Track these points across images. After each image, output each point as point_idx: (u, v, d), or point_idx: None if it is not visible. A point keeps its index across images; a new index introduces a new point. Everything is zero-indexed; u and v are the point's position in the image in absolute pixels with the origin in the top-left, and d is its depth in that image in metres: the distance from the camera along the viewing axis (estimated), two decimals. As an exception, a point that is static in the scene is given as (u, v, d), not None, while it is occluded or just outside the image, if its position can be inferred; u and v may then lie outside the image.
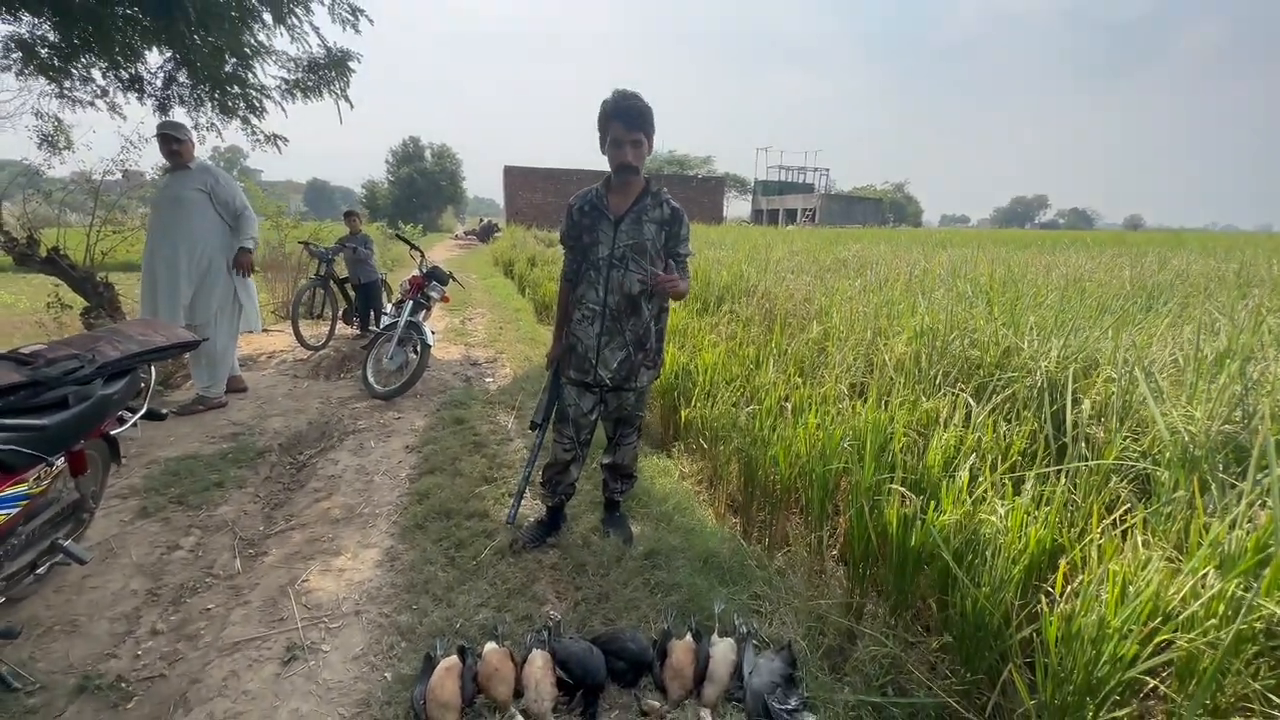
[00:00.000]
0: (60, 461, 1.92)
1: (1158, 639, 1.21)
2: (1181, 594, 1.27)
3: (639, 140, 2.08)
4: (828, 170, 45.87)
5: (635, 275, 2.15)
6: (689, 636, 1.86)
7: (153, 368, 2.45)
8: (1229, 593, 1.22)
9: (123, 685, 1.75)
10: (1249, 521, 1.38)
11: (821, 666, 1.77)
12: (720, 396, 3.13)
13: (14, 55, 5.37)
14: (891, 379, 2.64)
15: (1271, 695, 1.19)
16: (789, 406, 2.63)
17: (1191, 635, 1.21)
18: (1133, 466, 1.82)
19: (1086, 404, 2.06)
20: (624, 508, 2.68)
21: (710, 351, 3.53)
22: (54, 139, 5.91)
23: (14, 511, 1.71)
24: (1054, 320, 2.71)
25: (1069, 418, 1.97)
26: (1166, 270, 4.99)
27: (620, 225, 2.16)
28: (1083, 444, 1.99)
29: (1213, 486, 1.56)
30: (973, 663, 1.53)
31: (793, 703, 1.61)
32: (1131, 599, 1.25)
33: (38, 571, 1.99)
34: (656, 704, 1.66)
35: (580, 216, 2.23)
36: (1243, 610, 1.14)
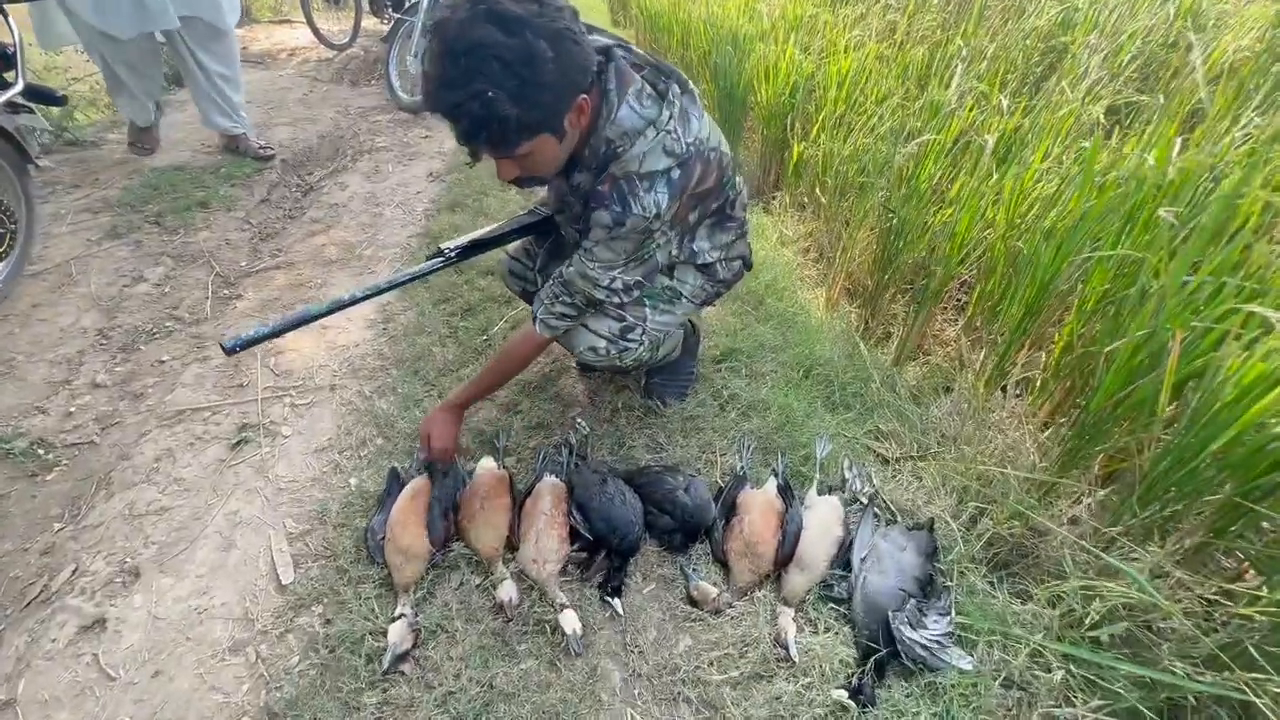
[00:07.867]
0: None
1: None
2: None
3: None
4: None
5: None
6: (772, 485, 1.24)
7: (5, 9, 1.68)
8: None
9: (41, 453, 1.39)
10: None
11: (981, 566, 1.12)
12: (859, 126, 2.04)
13: None
14: (1199, 100, 1.46)
15: None
16: (989, 144, 1.55)
17: None
18: None
19: None
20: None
21: (849, 55, 2.29)
22: None
23: None
24: None
25: None
26: None
27: None
28: None
29: None
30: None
31: (934, 625, 1.01)
32: None
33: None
34: (712, 590, 1.10)
35: None
36: None
